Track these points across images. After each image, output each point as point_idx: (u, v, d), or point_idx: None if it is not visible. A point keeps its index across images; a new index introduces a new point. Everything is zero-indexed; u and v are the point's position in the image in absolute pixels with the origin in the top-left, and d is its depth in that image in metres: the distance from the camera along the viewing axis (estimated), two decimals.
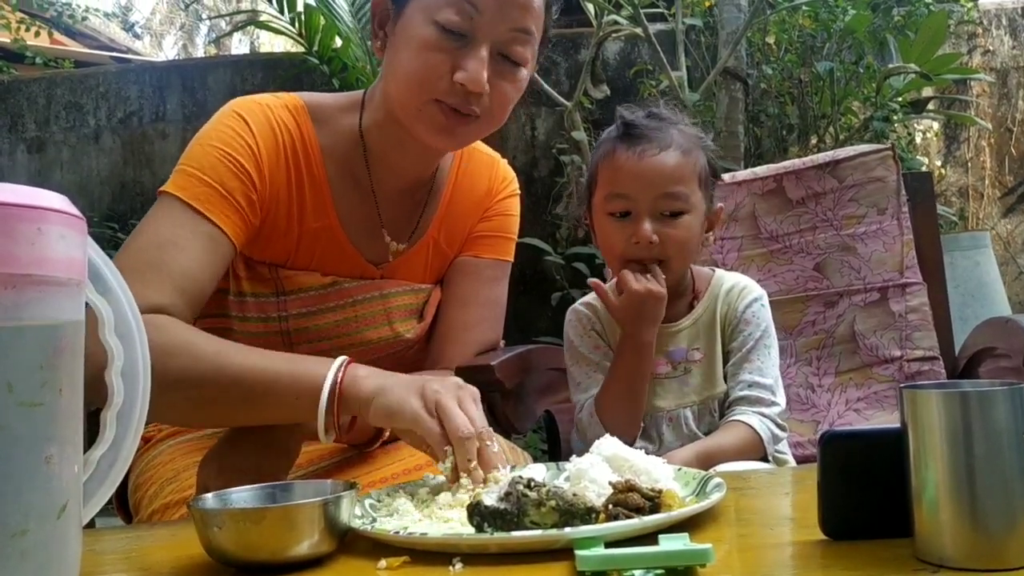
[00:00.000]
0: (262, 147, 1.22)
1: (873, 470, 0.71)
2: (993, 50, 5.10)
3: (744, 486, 0.97)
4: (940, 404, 0.64)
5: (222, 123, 1.23)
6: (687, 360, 1.43)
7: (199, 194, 1.17)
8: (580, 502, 0.76)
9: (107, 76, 5.14)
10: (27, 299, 0.61)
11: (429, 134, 1.21)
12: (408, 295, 1.37)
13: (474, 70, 1.14)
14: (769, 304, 1.46)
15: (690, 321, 1.44)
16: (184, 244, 1.14)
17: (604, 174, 1.39)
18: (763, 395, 1.37)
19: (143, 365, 0.76)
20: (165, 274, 1.12)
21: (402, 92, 1.19)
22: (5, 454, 0.59)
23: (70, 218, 0.65)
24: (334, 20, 4.23)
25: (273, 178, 1.23)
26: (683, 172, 1.35)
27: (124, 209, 4.92)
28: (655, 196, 1.34)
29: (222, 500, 0.81)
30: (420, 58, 1.15)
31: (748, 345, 1.40)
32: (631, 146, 1.36)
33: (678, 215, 1.36)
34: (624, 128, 1.39)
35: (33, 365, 0.61)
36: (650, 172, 1.34)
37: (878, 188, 1.77)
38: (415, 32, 1.16)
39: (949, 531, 0.64)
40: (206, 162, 1.19)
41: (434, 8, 1.14)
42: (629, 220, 1.36)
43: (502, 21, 1.15)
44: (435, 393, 0.97)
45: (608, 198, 1.38)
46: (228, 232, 1.18)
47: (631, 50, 4.61)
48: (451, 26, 1.14)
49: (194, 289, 1.14)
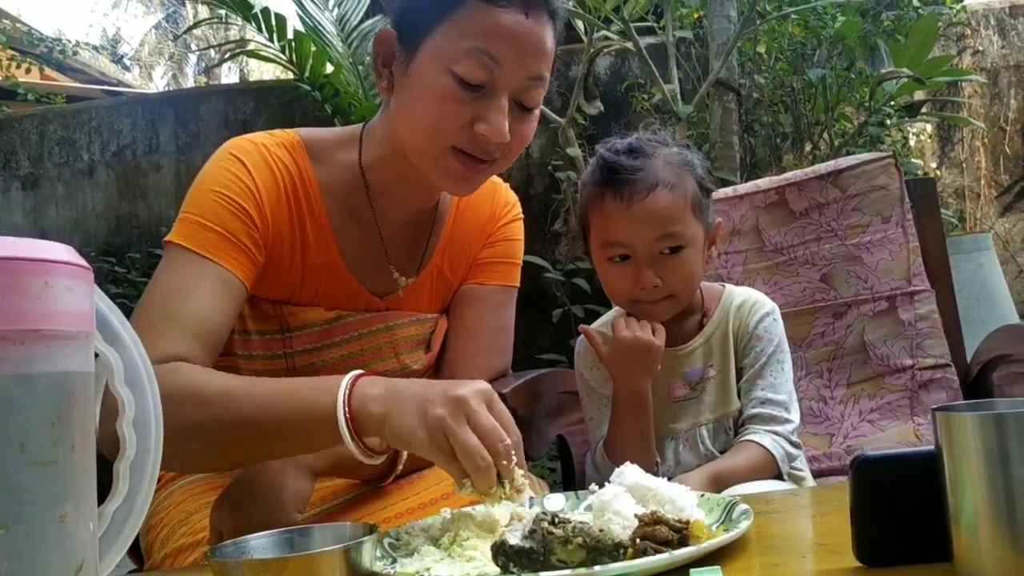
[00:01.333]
0: (261, 187, 1.21)
1: (907, 494, 0.69)
2: (983, 50, 5.12)
3: (768, 509, 0.95)
4: (976, 427, 0.63)
5: (219, 166, 1.22)
6: (704, 379, 1.41)
7: (204, 240, 1.16)
8: (607, 538, 0.74)
9: (99, 110, 5.14)
10: (36, 354, 0.59)
11: (446, 182, 1.21)
12: (414, 326, 1.36)
13: (497, 122, 1.13)
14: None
15: (702, 340, 1.42)
16: (193, 290, 1.13)
17: (596, 222, 1.37)
18: (776, 412, 1.35)
19: (155, 415, 0.74)
20: (177, 323, 1.10)
21: (419, 141, 1.18)
22: (19, 515, 0.57)
23: (76, 269, 0.64)
24: (324, 46, 4.23)
25: (274, 217, 1.22)
26: (675, 210, 1.33)
27: (121, 242, 4.91)
28: (651, 240, 1.32)
29: (240, 549, 0.79)
30: (438, 108, 1.14)
31: (761, 361, 1.39)
32: (618, 192, 1.33)
33: (677, 250, 1.34)
34: (607, 172, 1.35)
35: (45, 422, 0.59)
36: (642, 218, 1.32)
37: (881, 196, 1.76)
38: (431, 80, 1.14)
39: (990, 556, 0.63)
40: (207, 207, 1.18)
41: (452, 58, 1.13)
42: (630, 263, 1.34)
43: (521, 71, 1.15)
44: (439, 421, 0.90)
45: (604, 246, 1.36)
46: (237, 274, 1.17)
47: (622, 64, 4.62)
48: (471, 79, 1.13)
49: (209, 333, 1.13)
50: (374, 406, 0.97)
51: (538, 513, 0.79)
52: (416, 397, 0.95)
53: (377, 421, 0.97)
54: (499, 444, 0.89)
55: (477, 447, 0.88)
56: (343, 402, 0.98)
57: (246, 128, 4.89)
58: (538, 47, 1.15)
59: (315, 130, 1.32)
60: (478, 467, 0.88)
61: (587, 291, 3.97)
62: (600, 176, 1.36)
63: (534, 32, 1.14)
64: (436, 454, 0.92)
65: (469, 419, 0.90)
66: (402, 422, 0.94)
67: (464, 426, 0.90)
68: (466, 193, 1.26)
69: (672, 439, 1.40)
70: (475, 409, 0.91)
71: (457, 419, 0.90)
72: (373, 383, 1.00)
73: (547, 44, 1.16)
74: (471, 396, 0.92)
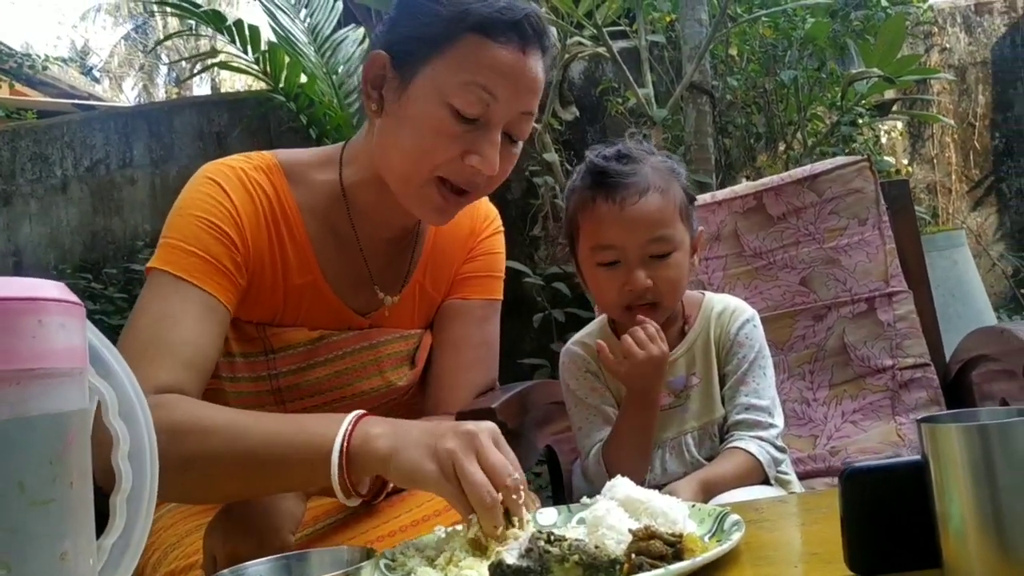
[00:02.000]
0: (240, 210, 1.21)
1: (895, 503, 0.70)
2: (950, 47, 5.20)
3: (758, 518, 0.96)
4: (960, 437, 0.64)
5: (198, 191, 1.22)
6: (687, 387, 1.42)
7: (186, 265, 1.16)
8: (603, 555, 0.75)
9: (71, 125, 5.09)
10: (33, 394, 0.59)
11: (424, 211, 1.22)
12: (398, 342, 1.36)
13: (490, 156, 1.15)
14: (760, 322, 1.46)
15: (684, 348, 1.44)
16: (180, 316, 1.13)
17: (586, 226, 1.38)
18: (760, 418, 1.37)
19: (150, 447, 0.74)
20: (166, 350, 1.09)
21: (406, 167, 1.18)
22: (20, 556, 0.57)
23: (69, 306, 0.64)
24: (298, 56, 4.22)
25: (255, 239, 1.22)
26: (665, 214, 1.34)
27: (97, 258, 4.86)
28: (643, 243, 1.33)
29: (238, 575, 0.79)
30: (431, 140, 1.15)
31: (743, 367, 1.40)
32: (609, 195, 1.34)
33: (667, 255, 1.35)
34: (598, 176, 1.36)
35: (43, 460, 0.60)
36: (635, 221, 1.33)
37: (857, 199, 1.79)
38: (426, 111, 1.15)
39: (978, 561, 0.64)
40: (188, 232, 1.18)
41: (448, 91, 1.14)
42: (619, 268, 1.35)
43: (515, 105, 1.16)
44: (449, 454, 0.90)
45: (595, 250, 1.37)
46: (221, 298, 1.17)
47: (596, 69, 4.64)
48: (468, 113, 1.14)
49: (199, 359, 1.12)
50: (379, 443, 0.96)
51: (534, 532, 0.80)
52: (424, 434, 0.95)
53: (380, 458, 0.95)
54: (507, 479, 0.88)
55: (485, 483, 0.87)
56: (346, 432, 0.97)
57: (221, 140, 4.87)
58: (533, 83, 1.17)
59: (292, 152, 1.32)
60: (484, 503, 0.86)
61: (567, 295, 3.99)
62: (591, 180, 1.37)
63: (530, 68, 1.16)
64: (445, 487, 0.90)
65: (479, 454, 0.90)
66: (409, 456, 0.93)
67: (473, 461, 0.89)
68: (441, 223, 1.27)
69: (658, 447, 1.40)
70: (484, 444, 0.91)
71: (467, 453, 0.90)
72: (376, 422, 0.99)
73: (540, 79, 1.18)
74: (480, 432, 0.92)
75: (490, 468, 0.88)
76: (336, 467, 0.96)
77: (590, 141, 4.44)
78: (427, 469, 0.91)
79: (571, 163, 4.27)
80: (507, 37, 1.14)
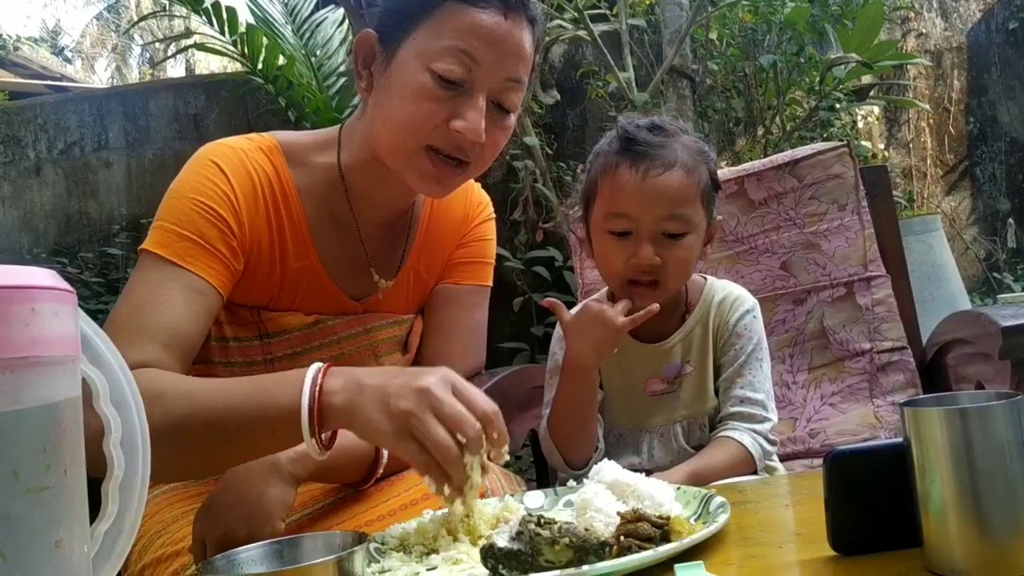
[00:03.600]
0: (239, 193, 1.20)
1: (878, 485, 0.72)
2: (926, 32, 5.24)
3: (743, 500, 0.98)
4: (941, 421, 0.66)
5: (196, 172, 1.20)
6: (681, 375, 1.40)
7: (179, 249, 1.15)
8: (593, 536, 0.76)
9: (45, 107, 5.02)
10: (26, 382, 0.59)
11: (419, 182, 1.20)
12: (392, 327, 1.36)
13: (473, 120, 1.14)
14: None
15: (681, 335, 1.41)
16: (164, 299, 1.11)
17: (605, 191, 1.34)
18: (755, 411, 1.35)
19: (141, 434, 0.75)
20: (145, 333, 1.08)
21: (394, 137, 1.18)
22: (15, 544, 0.57)
23: (61, 293, 0.64)
24: (276, 39, 4.18)
25: (253, 223, 1.21)
26: (687, 193, 1.31)
27: (72, 241, 4.82)
28: (658, 218, 1.30)
29: (231, 562, 0.80)
30: (415, 105, 1.14)
31: (740, 359, 1.38)
32: (633, 163, 1.30)
33: (680, 236, 1.31)
34: (626, 143, 1.33)
35: (37, 448, 0.60)
36: (654, 193, 1.29)
37: (837, 185, 1.80)
38: (409, 78, 1.15)
39: (958, 542, 0.66)
40: (183, 215, 1.17)
41: (430, 56, 1.13)
42: (629, 239, 1.32)
43: (499, 71, 1.16)
44: (405, 416, 0.88)
45: (609, 216, 1.33)
46: (212, 282, 1.16)
47: (576, 52, 4.64)
48: (449, 76, 1.13)
49: (180, 342, 1.11)
50: (336, 398, 0.94)
51: (524, 515, 0.81)
52: (378, 390, 0.92)
53: (340, 412, 0.94)
54: (469, 431, 0.87)
55: (444, 439, 0.87)
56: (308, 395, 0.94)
57: (198, 123, 4.82)
58: (516, 49, 1.16)
59: (292, 133, 1.32)
60: (447, 458, 0.86)
61: (547, 279, 4.00)
62: (618, 146, 1.34)
63: (512, 34, 1.15)
64: (405, 447, 0.90)
65: (435, 410, 0.88)
66: (367, 417, 0.92)
67: (431, 419, 0.88)
68: (440, 195, 1.26)
69: (646, 433, 1.40)
70: (440, 399, 0.89)
71: (423, 411, 0.88)
72: (334, 375, 0.97)
73: (525, 47, 1.18)
74: (434, 385, 0.90)
75: (449, 420, 0.88)
76: (307, 427, 0.93)
77: (570, 125, 4.45)
78: (384, 431, 0.90)
79: (551, 147, 4.28)
80: (487, 2, 1.14)
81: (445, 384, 0.91)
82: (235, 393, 1.01)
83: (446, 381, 0.92)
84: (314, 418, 0.94)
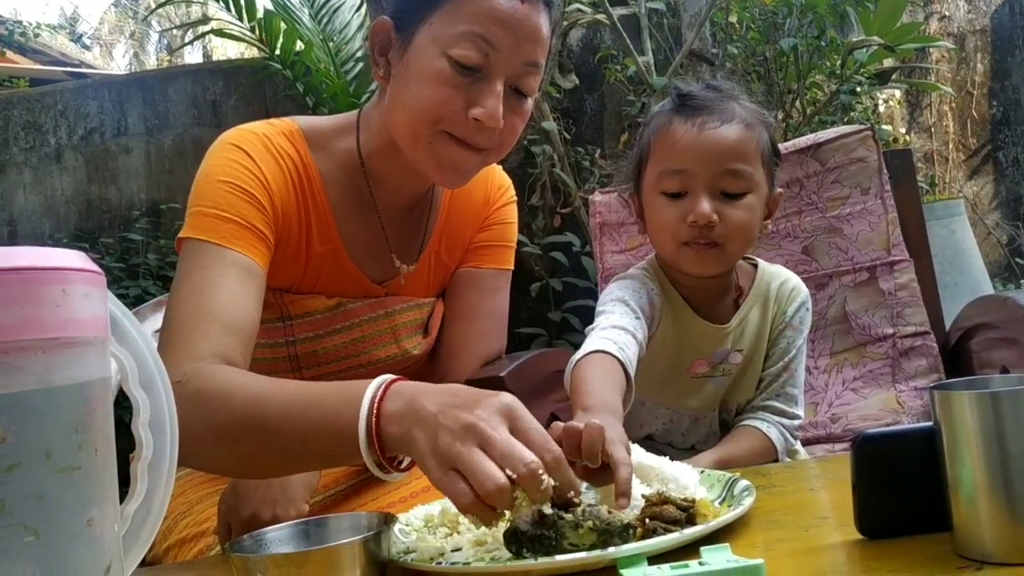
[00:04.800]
0: (268, 175, 1.20)
1: (906, 469, 0.72)
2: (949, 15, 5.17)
3: (767, 483, 0.97)
4: (973, 405, 0.65)
5: (222, 157, 1.20)
6: (726, 362, 1.33)
7: (223, 231, 1.14)
8: (616, 519, 0.76)
9: (64, 93, 5.04)
10: (57, 363, 0.60)
11: (436, 170, 1.19)
12: (413, 311, 1.37)
13: (492, 106, 1.13)
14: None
15: (736, 322, 1.34)
16: (219, 282, 1.11)
17: (658, 149, 1.27)
18: (788, 407, 1.33)
19: (169, 415, 0.75)
20: (209, 318, 1.07)
21: (412, 123, 1.17)
22: (48, 522, 0.58)
23: (91, 275, 0.64)
24: (294, 24, 4.18)
25: (283, 204, 1.22)
26: (746, 147, 1.23)
27: (92, 227, 4.85)
28: (715, 173, 1.22)
29: (258, 542, 0.80)
30: (432, 91, 1.14)
31: (791, 353, 1.34)
32: (688, 118, 1.24)
33: (739, 196, 1.23)
34: (680, 100, 1.28)
35: (68, 428, 0.60)
36: (710, 146, 1.22)
37: (860, 169, 1.79)
38: (426, 64, 1.14)
39: (988, 527, 0.65)
40: (220, 198, 1.16)
41: (447, 42, 1.13)
42: (684, 199, 1.24)
43: (516, 56, 1.15)
44: (450, 448, 0.78)
45: (662, 176, 1.26)
46: (258, 261, 1.16)
47: (594, 36, 4.61)
48: (466, 61, 1.12)
49: (242, 324, 1.10)
50: (392, 427, 0.85)
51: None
52: (432, 420, 0.82)
53: (396, 441, 0.86)
54: (520, 467, 0.75)
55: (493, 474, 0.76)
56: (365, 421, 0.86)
57: (216, 108, 4.83)
58: (533, 32, 1.15)
59: (311, 119, 1.32)
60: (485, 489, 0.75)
61: (564, 264, 4.00)
62: (672, 105, 1.29)
63: (529, 17, 1.14)
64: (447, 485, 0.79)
65: (484, 447, 0.78)
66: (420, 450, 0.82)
67: (476, 453, 0.77)
68: (456, 184, 1.25)
69: (680, 415, 1.36)
70: (485, 435, 0.78)
71: (469, 449, 0.78)
72: (393, 398, 0.87)
73: (542, 30, 1.17)
74: (480, 421, 0.79)
75: (499, 458, 0.77)
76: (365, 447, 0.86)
77: (588, 110, 4.42)
78: (431, 470, 0.81)
79: (569, 132, 4.26)
80: None
81: (500, 417, 0.80)
82: (298, 403, 0.94)
83: (502, 413, 0.80)
84: (374, 445, 0.86)
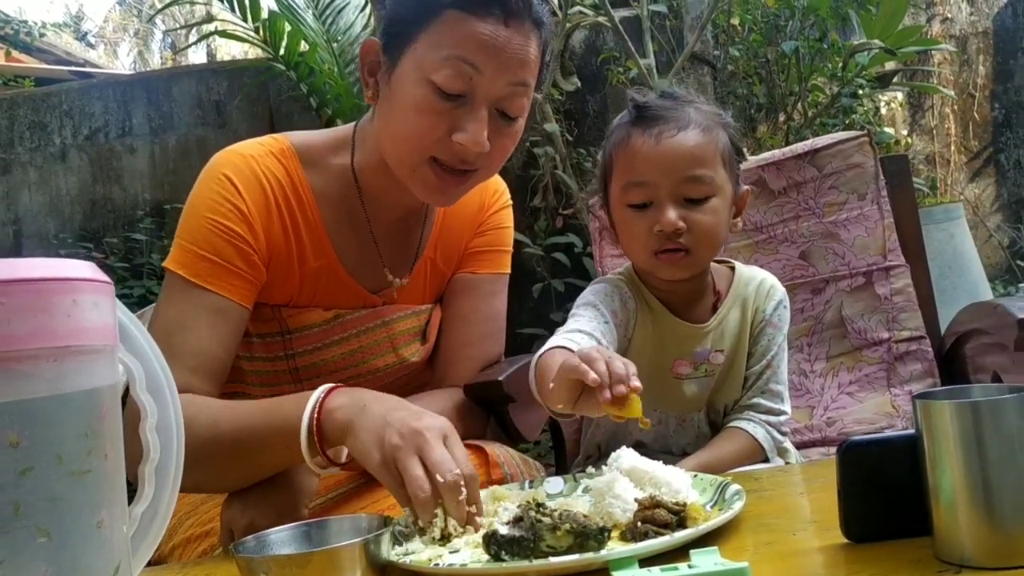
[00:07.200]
0: (251, 206, 1.23)
1: (890, 474, 0.74)
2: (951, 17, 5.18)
3: (758, 488, 1.00)
4: (953, 413, 0.67)
5: (209, 188, 1.23)
6: (708, 362, 1.35)
7: (199, 270, 1.20)
8: (592, 523, 0.79)
9: (70, 93, 5.07)
10: (68, 370, 0.62)
11: (424, 193, 1.22)
12: (410, 318, 1.38)
13: (475, 131, 1.14)
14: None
15: (716, 322, 1.36)
16: (191, 324, 1.18)
17: (620, 162, 1.29)
18: (774, 404, 1.34)
19: (175, 420, 0.78)
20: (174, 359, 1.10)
21: (398, 150, 1.19)
22: (60, 525, 0.60)
23: (100, 284, 0.67)
24: (299, 25, 4.20)
25: (268, 232, 1.25)
26: (705, 152, 1.25)
27: (97, 226, 4.88)
28: (677, 181, 1.24)
29: (262, 543, 0.83)
30: (416, 119, 1.14)
31: (772, 351, 1.36)
32: (646, 129, 1.26)
33: (704, 200, 1.25)
34: (637, 111, 1.29)
35: (79, 433, 0.62)
36: (669, 155, 1.24)
37: (857, 174, 1.80)
38: (410, 91, 1.15)
39: (968, 532, 0.67)
40: (200, 235, 1.21)
41: (429, 67, 1.13)
42: (650, 210, 1.26)
43: (501, 79, 1.14)
44: (393, 449, 0.94)
45: (626, 188, 1.28)
46: (234, 298, 1.21)
47: (596, 38, 4.62)
48: (450, 89, 1.13)
49: (209, 364, 1.18)
50: (337, 414, 1.02)
51: (523, 501, 0.83)
52: (379, 417, 0.99)
53: (341, 429, 1.01)
54: (447, 475, 0.90)
55: (420, 477, 0.91)
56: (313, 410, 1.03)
57: (220, 109, 4.86)
58: (518, 56, 1.14)
59: (306, 134, 1.33)
60: (417, 496, 0.90)
61: (566, 265, 4.01)
62: (629, 116, 1.31)
63: (513, 41, 1.13)
64: (384, 476, 0.96)
65: (421, 452, 0.93)
66: (363, 439, 0.98)
67: (414, 457, 0.93)
68: (445, 204, 1.27)
69: (665, 416, 1.38)
70: (429, 442, 0.93)
71: (409, 451, 0.93)
72: (340, 394, 1.05)
73: (529, 52, 1.16)
74: (428, 429, 0.95)
75: (432, 464, 0.91)
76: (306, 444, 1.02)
77: (590, 112, 4.44)
78: (373, 457, 0.96)
79: (571, 133, 4.28)
80: (487, 10, 1.12)
81: (439, 433, 0.96)
82: (254, 415, 1.10)
83: (442, 431, 0.96)
84: (314, 432, 1.02)
